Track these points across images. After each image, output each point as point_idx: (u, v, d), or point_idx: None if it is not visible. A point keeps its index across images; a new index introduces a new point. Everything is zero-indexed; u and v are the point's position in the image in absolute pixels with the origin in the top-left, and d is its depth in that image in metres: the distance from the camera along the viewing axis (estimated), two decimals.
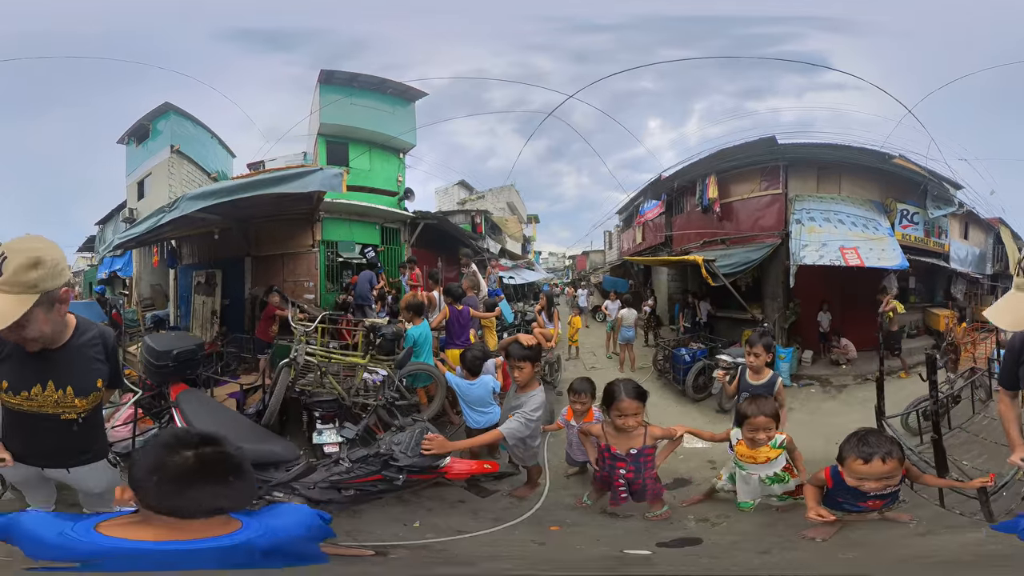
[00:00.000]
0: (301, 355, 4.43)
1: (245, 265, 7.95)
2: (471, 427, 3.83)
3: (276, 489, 2.89)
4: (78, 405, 2.18)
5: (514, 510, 3.19)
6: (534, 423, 3.15)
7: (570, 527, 2.97)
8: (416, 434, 3.01)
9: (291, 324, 4.88)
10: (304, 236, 7.78)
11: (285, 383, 4.28)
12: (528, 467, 3.45)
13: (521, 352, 3.24)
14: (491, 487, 3.45)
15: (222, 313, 7.98)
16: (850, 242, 6.41)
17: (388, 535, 2.81)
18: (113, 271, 9.45)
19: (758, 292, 7.41)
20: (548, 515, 3.11)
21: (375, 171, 9.09)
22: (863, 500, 2.36)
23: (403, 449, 2.94)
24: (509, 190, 9.67)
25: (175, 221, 5.89)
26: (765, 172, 7.11)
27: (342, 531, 2.76)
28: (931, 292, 7.91)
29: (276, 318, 6.08)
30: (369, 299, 7.06)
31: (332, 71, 8.94)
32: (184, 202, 5.43)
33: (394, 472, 2.91)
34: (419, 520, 2.97)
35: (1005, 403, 2.45)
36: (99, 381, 2.26)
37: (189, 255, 9.08)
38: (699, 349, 6.36)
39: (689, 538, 2.74)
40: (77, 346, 2.20)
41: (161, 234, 7.53)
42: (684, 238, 8.24)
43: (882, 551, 2.31)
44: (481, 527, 2.90)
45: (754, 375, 3.45)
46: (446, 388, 4.56)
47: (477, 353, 3.94)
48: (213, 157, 8.86)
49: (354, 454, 3.03)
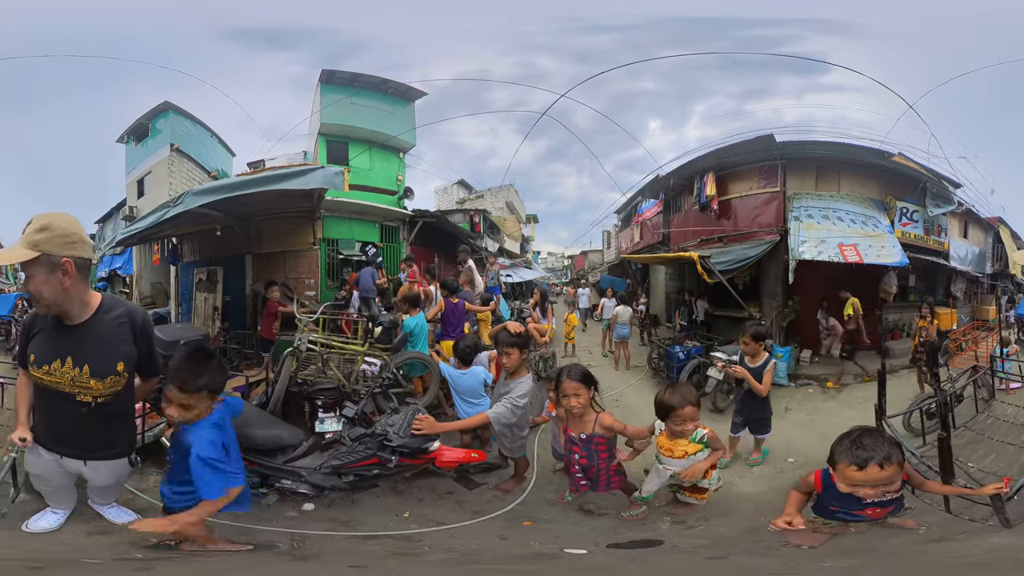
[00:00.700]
0: (304, 343, 4.65)
1: (246, 262, 8.01)
2: (462, 418, 3.82)
3: (283, 475, 3.00)
4: (93, 387, 2.17)
5: (496, 503, 3.22)
6: (520, 409, 3.18)
7: (544, 523, 2.96)
8: (409, 415, 3.11)
9: (295, 316, 5.09)
10: (305, 234, 7.87)
11: (289, 372, 4.45)
12: (515, 459, 3.49)
13: (509, 339, 3.28)
14: (479, 480, 3.53)
15: (223, 309, 8.06)
16: (849, 239, 6.42)
17: (378, 525, 2.86)
18: (113, 269, 9.55)
19: (756, 290, 7.43)
20: (527, 511, 3.13)
21: (375, 170, 9.22)
22: (860, 508, 2.10)
23: (396, 430, 3.05)
24: (508, 190, 9.75)
25: (178, 218, 5.97)
26: (763, 170, 7.14)
27: (339, 520, 2.88)
28: (931, 290, 7.91)
29: (278, 314, 6.15)
30: (372, 292, 7.17)
31: (333, 71, 9.07)
32: (189, 197, 5.53)
33: (387, 454, 3.03)
34: (409, 511, 3.04)
35: None
36: (120, 364, 2.21)
37: (190, 252, 9.16)
38: (694, 347, 6.36)
39: (650, 540, 2.63)
40: (99, 323, 2.19)
41: (163, 231, 7.64)
42: (682, 236, 8.29)
43: (891, 559, 2.06)
44: (461, 519, 2.96)
45: (751, 359, 3.93)
46: (440, 378, 4.64)
47: (469, 343, 4.01)
48: (213, 155, 8.98)
49: (353, 433, 3.16)
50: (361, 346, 5.04)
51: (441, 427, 3.14)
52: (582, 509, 3.12)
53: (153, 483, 3.12)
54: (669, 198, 8.65)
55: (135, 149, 8.52)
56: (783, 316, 7.08)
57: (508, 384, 3.31)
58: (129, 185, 8.67)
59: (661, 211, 8.69)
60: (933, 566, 2.00)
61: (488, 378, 3.97)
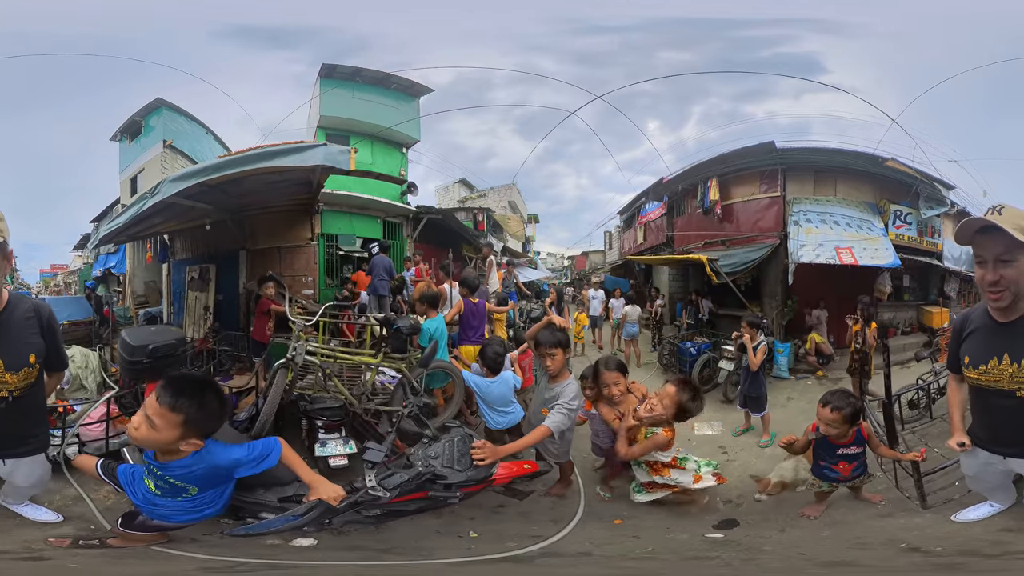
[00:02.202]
0: (300, 354, 3.85)
1: (240, 259, 7.74)
2: (492, 428, 3.65)
3: (266, 510, 2.40)
4: (8, 381, 2.22)
5: (562, 509, 3.15)
6: (575, 412, 3.06)
7: (628, 519, 2.99)
8: (457, 444, 2.65)
9: (288, 318, 4.34)
10: (302, 229, 7.64)
11: (281, 387, 3.74)
12: (561, 463, 3.34)
13: (553, 339, 3.14)
14: (525, 488, 3.21)
15: (216, 309, 7.78)
16: (845, 242, 6.83)
17: (444, 547, 2.62)
18: (107, 268, 9.42)
19: (757, 290, 7.83)
20: (602, 508, 3.17)
21: (377, 165, 9.18)
22: (835, 462, 2.89)
23: (446, 463, 2.57)
24: (511, 189, 9.89)
25: (164, 212, 5.54)
26: (764, 175, 7.52)
27: (371, 548, 2.53)
28: (925, 290, 8.42)
29: (272, 313, 5.55)
30: (387, 289, 6.77)
31: (333, 65, 9.05)
32: (166, 185, 4.82)
33: (441, 490, 2.55)
34: (473, 530, 2.83)
35: (952, 387, 2.53)
36: (32, 356, 2.27)
37: (182, 249, 8.97)
38: (703, 343, 6.71)
39: (729, 519, 2.99)
40: (8, 319, 2.25)
41: (153, 227, 7.37)
42: (685, 239, 8.63)
43: (848, 531, 2.70)
44: (542, 531, 2.82)
45: (751, 342, 5.01)
46: (465, 388, 4.23)
47: (498, 348, 3.70)
48: (207, 152, 8.86)
49: (390, 482, 2.46)
50: (373, 357, 4.28)
51: (505, 451, 2.79)
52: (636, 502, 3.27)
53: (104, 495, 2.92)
54: (673, 201, 8.98)
55: (128, 147, 8.42)
56: (783, 315, 7.49)
57: (553, 388, 3.17)
58: (123, 183, 8.56)
59: (665, 213, 9.01)
60: (868, 537, 2.65)
61: (518, 382, 3.76)
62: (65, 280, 11.50)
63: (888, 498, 3.06)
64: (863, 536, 2.67)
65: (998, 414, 2.22)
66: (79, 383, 4.68)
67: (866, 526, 2.78)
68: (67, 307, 8.35)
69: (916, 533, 2.52)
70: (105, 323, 8.38)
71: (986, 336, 2.21)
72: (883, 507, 2.97)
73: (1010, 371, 2.11)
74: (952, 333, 2.45)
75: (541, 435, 2.90)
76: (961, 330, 2.35)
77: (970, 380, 2.29)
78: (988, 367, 2.17)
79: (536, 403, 3.39)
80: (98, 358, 4.93)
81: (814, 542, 2.67)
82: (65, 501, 2.86)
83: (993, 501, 2.54)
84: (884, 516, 2.86)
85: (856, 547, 2.55)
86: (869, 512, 2.94)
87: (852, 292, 7.29)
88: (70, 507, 2.81)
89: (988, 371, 2.18)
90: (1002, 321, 2.16)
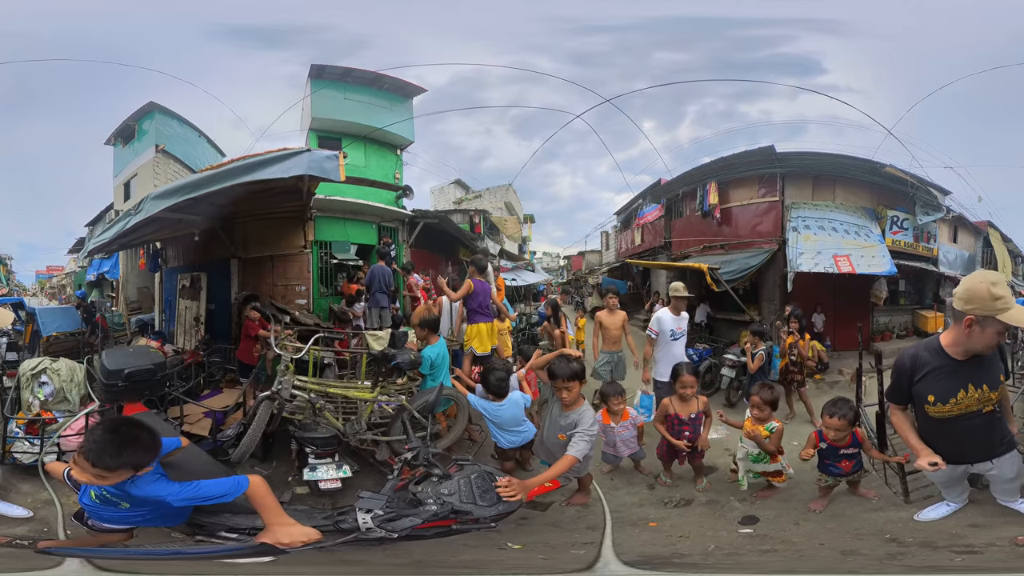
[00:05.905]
0: (287, 389, 3.79)
1: (232, 267, 7.79)
2: (503, 447, 3.80)
3: (225, 531, 2.48)
4: None
5: (589, 517, 3.49)
6: (595, 437, 3.35)
7: (663, 520, 3.52)
8: (474, 480, 2.71)
9: (273, 347, 4.37)
10: (295, 236, 7.74)
11: (264, 419, 3.76)
12: (580, 477, 3.65)
13: (569, 370, 3.35)
14: (544, 500, 3.48)
15: (207, 319, 7.78)
16: (843, 250, 7.22)
17: (489, 560, 2.81)
18: (101, 273, 9.71)
19: (755, 295, 8.21)
20: (627, 513, 3.63)
21: (371, 167, 9.25)
22: (838, 460, 3.46)
23: (465, 499, 2.62)
24: (507, 190, 10.10)
25: (152, 225, 5.59)
26: (763, 180, 7.88)
27: (393, 564, 2.67)
28: (920, 295, 8.85)
29: (259, 337, 5.67)
30: (387, 300, 6.91)
31: (323, 66, 9.18)
32: (148, 202, 4.92)
33: (471, 523, 2.62)
34: (506, 542, 3.02)
35: (897, 416, 2.87)
36: None
37: (174, 257, 9.10)
38: (704, 348, 7.12)
39: (752, 516, 3.58)
40: None
41: (142, 236, 7.45)
42: (683, 242, 9.01)
43: (848, 523, 3.28)
44: (584, 537, 3.21)
45: (751, 348, 5.78)
46: (469, 412, 4.36)
47: (501, 374, 3.77)
48: (201, 156, 9.06)
49: (397, 524, 2.43)
50: (369, 391, 4.31)
51: (532, 483, 2.92)
52: (661, 502, 3.83)
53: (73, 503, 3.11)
54: (671, 204, 9.33)
55: (122, 151, 8.65)
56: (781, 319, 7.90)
57: (569, 416, 3.37)
58: (116, 188, 8.81)
59: (662, 216, 9.36)
60: (863, 529, 3.21)
61: (527, 400, 3.87)
62: (60, 283, 11.80)
63: (880, 494, 3.63)
64: (860, 528, 3.24)
65: (968, 433, 2.68)
66: (63, 395, 4.70)
67: (862, 519, 3.33)
68: (57, 318, 8.44)
69: (900, 526, 3.14)
70: (96, 331, 8.65)
71: (949, 374, 2.64)
72: (876, 502, 3.53)
73: (977, 395, 2.61)
74: (900, 372, 2.78)
75: (568, 465, 3.06)
76: (913, 372, 2.71)
77: (938, 414, 2.68)
78: (958, 398, 2.63)
79: (550, 428, 3.57)
80: (85, 371, 4.90)
81: (826, 533, 3.23)
82: (36, 504, 3.38)
83: (950, 500, 3.08)
84: (876, 510, 3.42)
85: (854, 538, 3.13)
86: (865, 507, 3.50)
87: (849, 297, 7.75)
88: (40, 509, 3.33)
89: (959, 401, 2.63)
90: (962, 359, 2.62)
